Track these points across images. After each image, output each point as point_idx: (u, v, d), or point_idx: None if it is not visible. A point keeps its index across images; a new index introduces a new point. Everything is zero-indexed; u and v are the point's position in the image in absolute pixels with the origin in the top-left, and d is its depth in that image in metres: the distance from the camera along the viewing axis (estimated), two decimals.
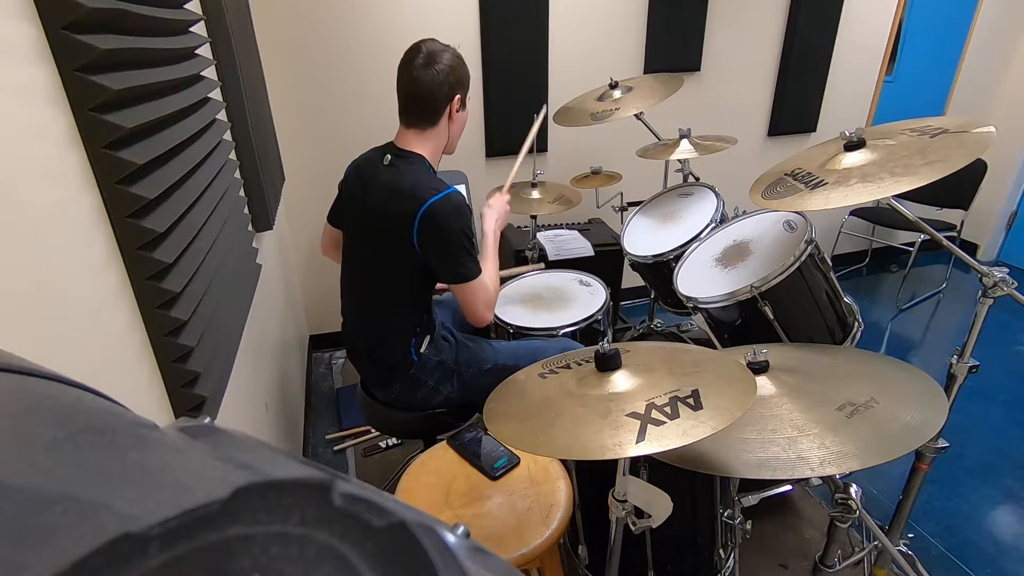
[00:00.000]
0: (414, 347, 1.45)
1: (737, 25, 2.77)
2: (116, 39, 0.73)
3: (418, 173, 1.35)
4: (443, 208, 1.29)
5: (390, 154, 1.38)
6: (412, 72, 1.31)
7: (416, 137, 1.38)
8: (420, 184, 1.31)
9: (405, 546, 0.14)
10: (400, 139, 1.40)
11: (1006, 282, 1.07)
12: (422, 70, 1.31)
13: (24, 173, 0.58)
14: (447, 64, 1.32)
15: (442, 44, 1.35)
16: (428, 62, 1.31)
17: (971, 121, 1.07)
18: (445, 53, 1.33)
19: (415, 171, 1.35)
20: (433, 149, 1.40)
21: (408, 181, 1.33)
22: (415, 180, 1.32)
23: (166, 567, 0.13)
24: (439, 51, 1.32)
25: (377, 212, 1.36)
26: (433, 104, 1.35)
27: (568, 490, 1.18)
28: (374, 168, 1.40)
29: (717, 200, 1.77)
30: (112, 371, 0.71)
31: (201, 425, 0.25)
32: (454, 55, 1.35)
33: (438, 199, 1.29)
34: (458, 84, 1.36)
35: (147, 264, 0.77)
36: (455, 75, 1.34)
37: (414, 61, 1.31)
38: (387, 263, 1.40)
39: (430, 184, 1.31)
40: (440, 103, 1.35)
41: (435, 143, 1.40)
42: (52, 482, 0.17)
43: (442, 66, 1.31)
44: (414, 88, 1.33)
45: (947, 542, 1.73)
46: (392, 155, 1.38)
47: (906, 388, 1.01)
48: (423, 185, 1.31)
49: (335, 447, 2.18)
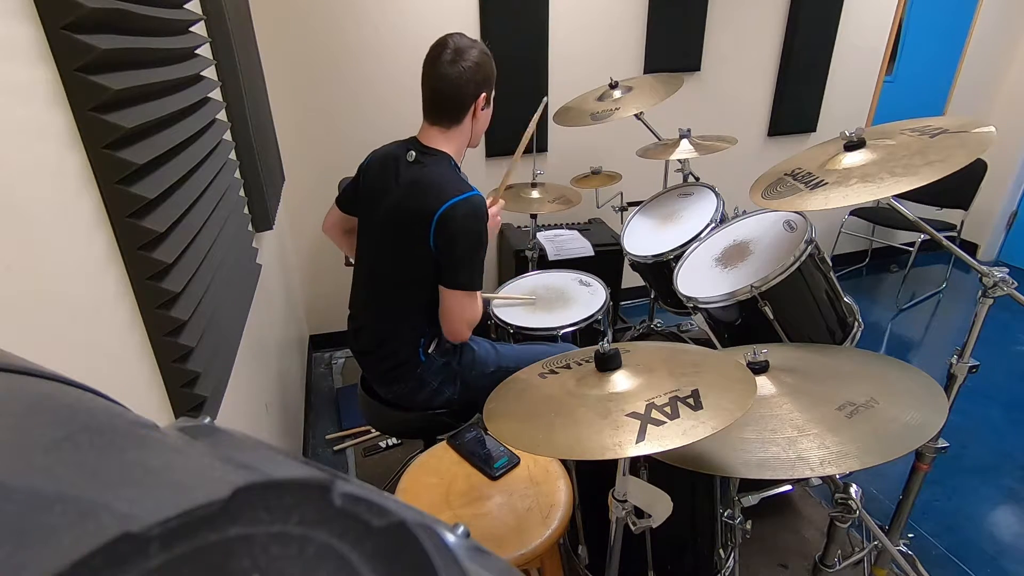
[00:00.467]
0: (423, 348, 1.43)
1: (737, 25, 2.78)
2: (116, 39, 0.73)
3: (443, 171, 1.32)
4: (463, 209, 1.26)
5: (414, 151, 1.35)
6: (439, 68, 1.27)
7: (441, 135, 1.35)
8: (445, 183, 1.28)
9: (405, 546, 0.14)
10: (424, 136, 1.36)
11: (1006, 282, 1.07)
12: (449, 66, 1.27)
13: (24, 173, 0.58)
14: (474, 61, 1.28)
15: (470, 39, 1.31)
16: (455, 58, 1.27)
17: (971, 121, 1.07)
18: (473, 49, 1.29)
19: (440, 169, 1.32)
20: (457, 147, 1.37)
21: (432, 179, 1.30)
22: (440, 179, 1.30)
23: (166, 567, 0.13)
24: (467, 47, 1.28)
25: (398, 209, 1.33)
26: (460, 102, 1.31)
27: (568, 490, 1.18)
28: (397, 164, 1.36)
29: (717, 200, 1.77)
30: (112, 371, 0.71)
31: (201, 425, 0.25)
32: (482, 51, 1.31)
33: (460, 200, 1.26)
34: (484, 82, 1.32)
35: (147, 264, 0.77)
36: (482, 72, 1.30)
37: (441, 57, 1.27)
38: (404, 263, 1.37)
39: (455, 184, 1.28)
40: (467, 101, 1.32)
41: (459, 141, 1.37)
42: (52, 482, 0.17)
43: (469, 63, 1.27)
44: (440, 85, 1.29)
45: (947, 542, 1.73)
46: (417, 152, 1.34)
47: (906, 388, 1.01)
48: (448, 184, 1.28)
49: (335, 447, 2.18)
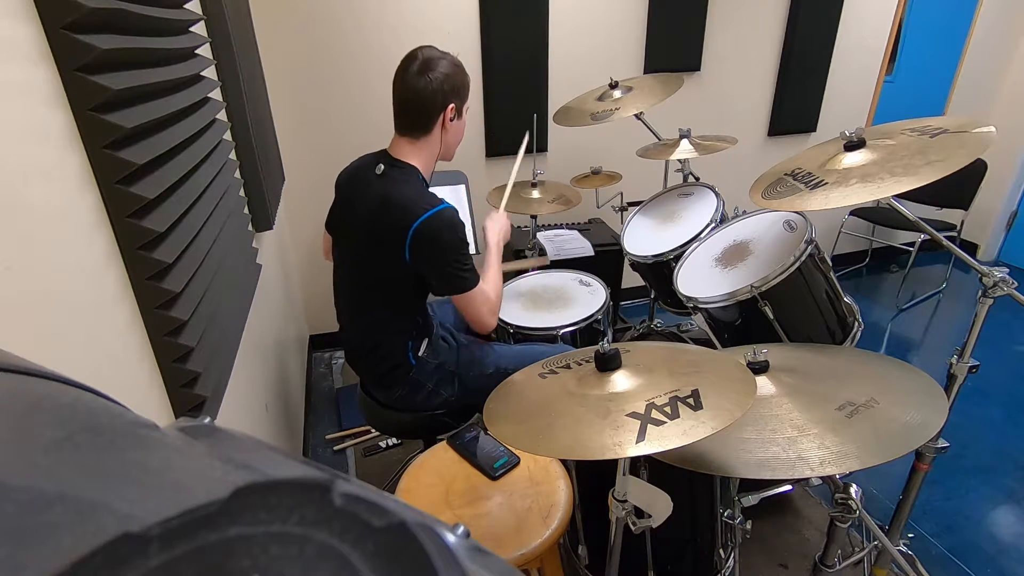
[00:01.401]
0: (411, 350, 1.44)
1: (737, 25, 2.77)
2: (116, 39, 0.73)
3: (411, 186, 1.32)
4: (435, 224, 1.27)
5: (383, 163, 1.35)
6: (406, 79, 1.29)
7: (409, 146, 1.35)
8: (412, 199, 1.28)
9: (405, 546, 0.14)
10: (394, 148, 1.37)
11: (1006, 282, 1.07)
12: (415, 77, 1.28)
13: (24, 173, 0.58)
14: (442, 72, 1.28)
15: (440, 51, 1.31)
16: (423, 69, 1.28)
17: (971, 121, 1.07)
18: (442, 61, 1.29)
19: (408, 184, 1.32)
20: (426, 159, 1.37)
21: (400, 195, 1.30)
22: (407, 195, 1.30)
23: (166, 567, 0.13)
24: (435, 58, 1.29)
25: (367, 223, 1.34)
26: (425, 113, 1.31)
27: (568, 490, 1.18)
28: (366, 177, 1.36)
29: (717, 200, 1.77)
30: (112, 371, 0.71)
31: (201, 425, 0.25)
32: (452, 63, 1.31)
33: (430, 216, 1.26)
34: (452, 93, 1.32)
35: (147, 264, 0.77)
36: (450, 83, 1.30)
37: (409, 68, 1.28)
38: (377, 272, 1.38)
39: (422, 200, 1.28)
40: (433, 112, 1.32)
41: (428, 153, 1.37)
42: (52, 482, 0.17)
43: (436, 74, 1.28)
44: (407, 96, 1.30)
45: (947, 542, 1.73)
46: (385, 164, 1.35)
47: (906, 388, 1.01)
48: (415, 201, 1.28)
49: (335, 447, 2.18)
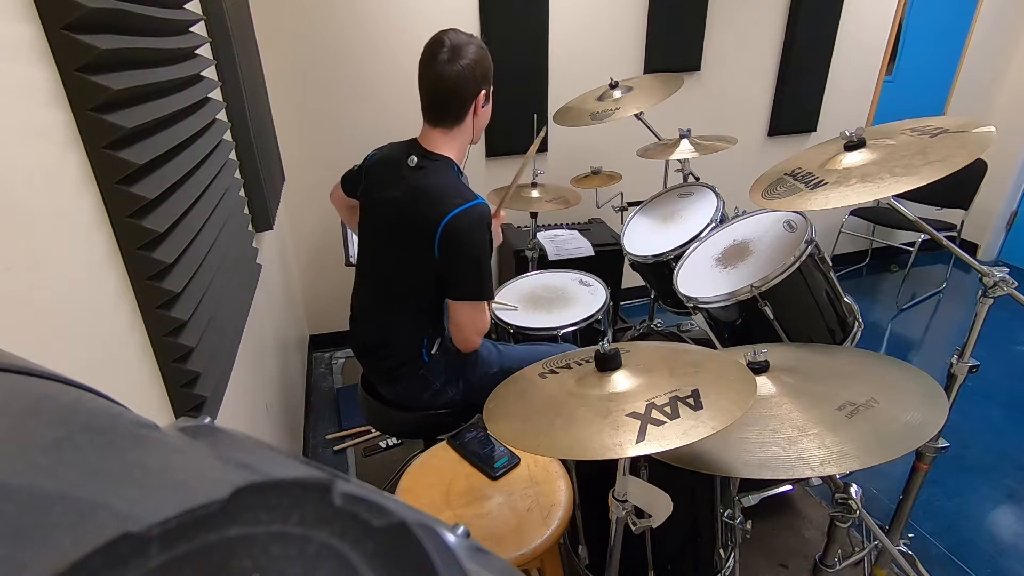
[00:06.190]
0: (426, 348, 1.42)
1: (737, 25, 2.78)
2: (116, 39, 0.73)
3: (446, 178, 1.28)
4: (467, 219, 1.23)
5: (416, 155, 1.30)
6: (436, 68, 1.23)
7: (442, 137, 1.30)
8: (447, 191, 1.25)
9: (405, 546, 0.14)
10: (425, 139, 1.32)
11: (1006, 282, 1.07)
12: (446, 66, 1.22)
13: (24, 173, 0.58)
14: (472, 58, 1.23)
15: (466, 35, 1.26)
16: (453, 56, 1.22)
17: (971, 121, 1.07)
18: (471, 46, 1.24)
19: (443, 176, 1.28)
20: (459, 149, 1.33)
21: (435, 186, 1.26)
22: (443, 186, 1.26)
23: (166, 567, 0.13)
24: (464, 43, 1.23)
25: (401, 215, 1.30)
26: (459, 102, 1.27)
27: (568, 490, 1.18)
28: (399, 168, 1.32)
29: (717, 200, 1.77)
30: (112, 371, 0.71)
31: (201, 425, 0.25)
32: (479, 47, 1.26)
33: (464, 209, 1.22)
34: (483, 78, 1.27)
35: (147, 264, 0.77)
36: (481, 69, 1.26)
37: (438, 56, 1.22)
38: (408, 266, 1.35)
39: (458, 192, 1.25)
40: (467, 100, 1.27)
41: (461, 142, 1.33)
42: (52, 482, 0.17)
43: (467, 60, 1.23)
44: (437, 85, 1.25)
45: (947, 542, 1.73)
46: (418, 156, 1.30)
47: (906, 388, 1.01)
48: (450, 192, 1.25)
49: (335, 447, 2.18)
